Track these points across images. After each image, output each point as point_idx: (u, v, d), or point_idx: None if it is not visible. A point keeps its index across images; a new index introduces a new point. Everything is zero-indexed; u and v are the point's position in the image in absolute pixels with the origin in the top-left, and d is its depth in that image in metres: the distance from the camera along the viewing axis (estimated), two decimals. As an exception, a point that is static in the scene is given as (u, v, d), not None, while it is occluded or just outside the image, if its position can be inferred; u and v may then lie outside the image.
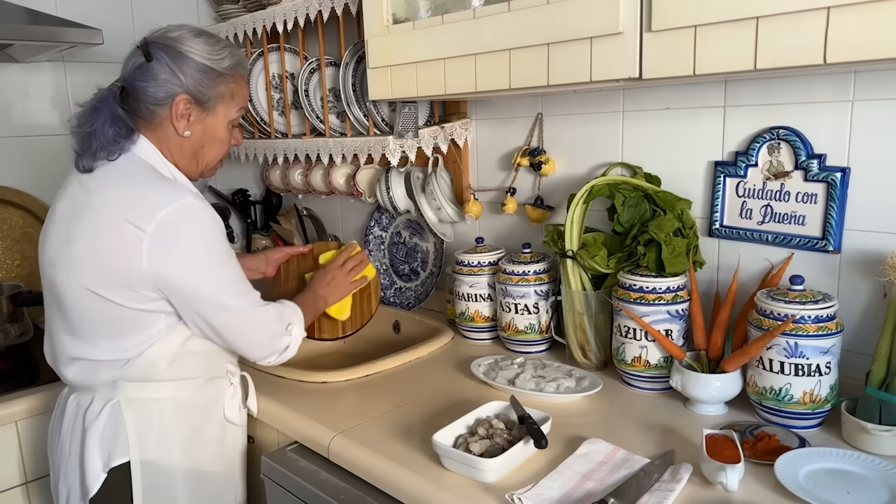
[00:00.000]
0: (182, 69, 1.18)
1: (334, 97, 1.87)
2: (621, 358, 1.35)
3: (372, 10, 1.49)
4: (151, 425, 1.22)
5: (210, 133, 1.25)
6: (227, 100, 1.24)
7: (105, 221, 1.12)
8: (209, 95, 1.21)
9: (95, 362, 1.19)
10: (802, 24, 0.89)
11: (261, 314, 1.24)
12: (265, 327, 1.25)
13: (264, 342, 1.26)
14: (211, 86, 1.20)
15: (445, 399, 1.35)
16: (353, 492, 1.14)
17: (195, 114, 1.21)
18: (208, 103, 1.22)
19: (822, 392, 1.13)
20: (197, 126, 1.22)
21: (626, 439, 1.15)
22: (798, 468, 1.00)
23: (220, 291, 1.17)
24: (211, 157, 1.28)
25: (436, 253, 1.94)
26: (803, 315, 1.11)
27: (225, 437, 1.32)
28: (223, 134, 1.27)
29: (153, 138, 1.21)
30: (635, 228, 1.38)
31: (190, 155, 1.25)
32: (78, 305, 1.16)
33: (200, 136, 1.24)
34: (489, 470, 1.03)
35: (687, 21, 0.99)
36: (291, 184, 2.17)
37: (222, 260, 1.18)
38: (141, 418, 1.21)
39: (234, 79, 1.24)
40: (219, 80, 1.21)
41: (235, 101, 1.26)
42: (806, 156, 1.24)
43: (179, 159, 1.24)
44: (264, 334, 1.25)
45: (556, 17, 1.14)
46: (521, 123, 1.70)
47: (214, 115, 1.23)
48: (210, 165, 1.30)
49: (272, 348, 1.26)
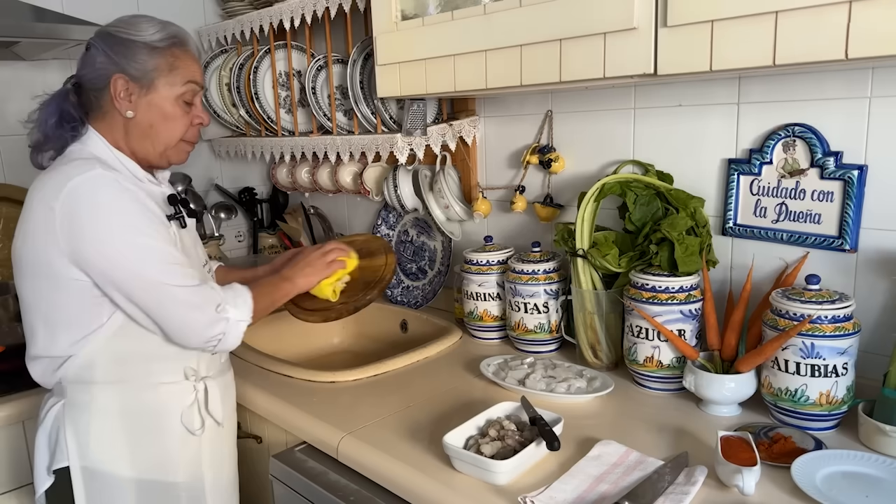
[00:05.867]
0: (115, 49, 1.16)
1: (342, 95, 1.86)
2: (633, 358, 1.34)
3: (380, 6, 1.47)
4: (90, 431, 1.17)
5: (156, 111, 1.20)
6: (166, 73, 1.19)
7: (30, 212, 1.12)
8: (144, 70, 1.17)
9: (42, 360, 1.18)
10: (823, 19, 0.88)
11: (192, 293, 1.15)
12: (198, 308, 1.15)
13: (198, 327, 1.16)
14: (145, 60, 1.17)
15: (454, 399, 1.34)
16: (362, 493, 1.13)
17: (135, 92, 1.18)
18: (145, 79, 1.18)
19: (838, 393, 1.11)
20: (140, 105, 1.19)
21: (639, 441, 1.13)
22: (815, 471, 0.98)
23: (139, 262, 1.11)
24: (166, 137, 1.22)
25: (444, 251, 1.93)
26: (820, 315, 1.10)
27: (185, 446, 1.24)
28: (172, 110, 1.21)
29: (103, 129, 1.20)
30: (647, 227, 1.37)
31: (141, 137, 1.20)
32: (23, 301, 1.17)
33: (146, 115, 1.19)
34: (501, 472, 1.01)
35: (704, 16, 0.97)
36: (298, 182, 2.16)
37: (139, 229, 1.12)
38: (79, 422, 1.17)
39: (170, 51, 1.19)
40: (152, 53, 1.18)
41: (177, 75, 1.20)
42: (822, 153, 1.22)
43: (134, 145, 1.21)
44: (198, 316, 1.15)
45: (568, 13, 1.13)
46: (531, 121, 1.68)
47: (156, 91, 1.19)
48: (169, 145, 1.23)
49: (208, 334, 1.17)
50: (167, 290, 1.13)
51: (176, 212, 1.23)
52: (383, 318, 1.98)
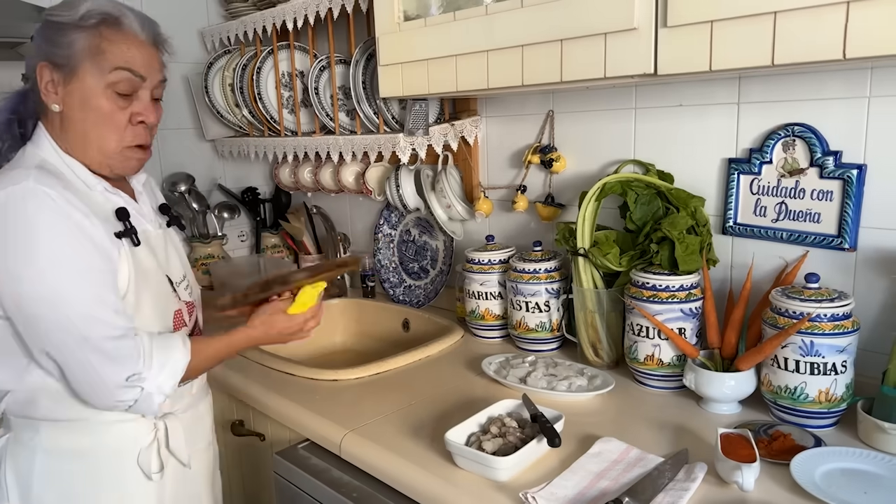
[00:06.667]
0: (44, 34, 1.02)
1: (344, 95, 1.87)
2: (634, 356, 1.34)
3: (383, 7, 1.48)
4: (32, 472, 1.04)
5: (85, 104, 1.02)
6: (91, 57, 1.01)
7: None
8: (66, 55, 1.00)
9: None
10: (821, 19, 0.88)
11: (110, 345, 0.96)
12: (111, 364, 0.97)
13: (106, 388, 0.98)
14: (64, 43, 1.00)
15: (456, 397, 1.35)
16: (365, 490, 1.14)
17: (60, 82, 1.02)
18: (68, 65, 1.01)
19: (837, 391, 1.12)
20: (68, 97, 1.02)
21: (640, 438, 1.14)
22: (814, 468, 0.99)
23: (61, 300, 0.94)
24: (103, 143, 1.04)
25: (445, 251, 1.94)
26: (819, 313, 1.10)
27: (141, 492, 1.10)
28: (103, 104, 1.03)
29: (49, 128, 1.06)
30: (648, 226, 1.37)
31: (80, 138, 1.04)
32: None
33: (78, 111, 1.03)
34: (502, 468, 1.02)
35: (703, 16, 0.98)
36: (301, 182, 2.17)
37: (70, 260, 0.95)
38: (21, 462, 1.05)
39: (97, 31, 1.01)
40: (72, 33, 1.00)
41: (106, 59, 1.01)
42: (821, 153, 1.23)
43: (73, 147, 1.05)
44: (109, 375, 0.97)
45: (569, 13, 1.14)
46: (532, 120, 1.69)
47: (81, 80, 1.01)
48: (110, 150, 1.05)
49: (116, 397, 0.99)
50: (79, 337, 0.95)
51: (126, 228, 1.05)
52: (385, 318, 1.99)
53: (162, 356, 1.02)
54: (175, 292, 1.14)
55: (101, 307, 0.97)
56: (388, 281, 2.05)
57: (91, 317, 0.96)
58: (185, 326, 1.15)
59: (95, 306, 0.97)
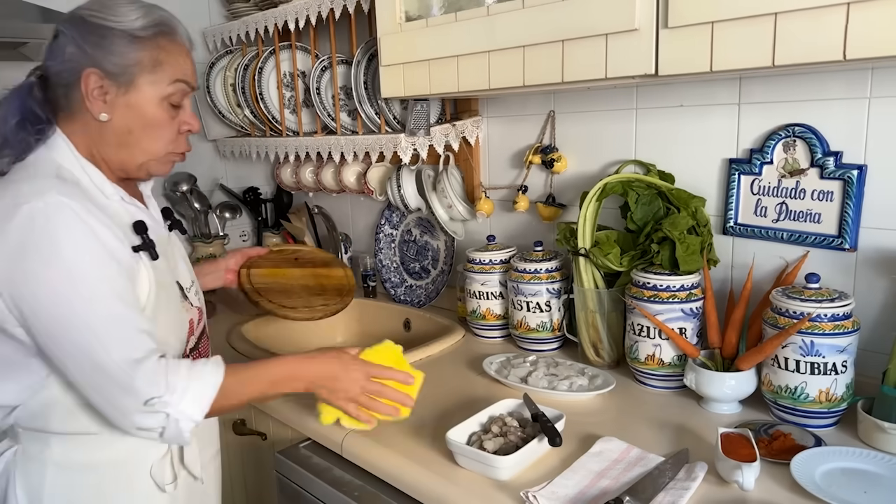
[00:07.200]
0: (87, 38, 0.97)
1: (346, 95, 1.87)
2: (634, 356, 1.35)
3: (385, 7, 1.49)
4: (43, 486, 1.01)
5: (137, 114, 1.00)
6: (149, 70, 0.99)
7: None
8: (123, 66, 0.97)
9: None
10: (821, 20, 0.89)
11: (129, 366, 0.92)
12: (129, 390, 0.92)
13: (126, 413, 0.93)
14: (123, 53, 0.97)
15: (457, 397, 1.35)
16: (366, 489, 1.15)
17: (112, 91, 0.98)
18: (124, 76, 0.98)
19: (837, 391, 1.12)
20: (117, 107, 0.99)
21: (640, 438, 1.14)
22: (814, 467, 0.99)
23: (80, 321, 0.91)
24: (148, 147, 1.03)
25: (446, 251, 1.94)
26: (819, 313, 1.11)
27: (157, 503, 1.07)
28: (156, 115, 1.01)
29: (72, 132, 1.01)
30: (649, 226, 1.38)
31: (117, 145, 1.01)
32: None
33: (125, 120, 1.00)
34: (504, 467, 1.02)
35: (704, 17, 0.98)
36: (302, 182, 2.18)
37: (94, 279, 0.92)
38: (32, 476, 1.01)
39: (155, 42, 0.99)
40: (132, 44, 0.97)
41: (164, 72, 1.00)
42: (822, 153, 1.23)
43: (108, 153, 1.02)
44: (129, 400, 0.92)
45: (570, 14, 1.14)
46: (533, 121, 1.69)
47: (137, 91, 0.99)
48: (154, 156, 1.05)
49: (140, 423, 0.94)
50: (97, 359, 0.92)
51: (144, 242, 1.02)
52: (387, 317, 2.00)
53: (186, 379, 0.95)
54: (187, 299, 1.12)
55: (123, 328, 0.94)
56: (390, 281, 2.06)
57: (112, 337, 0.92)
58: (192, 336, 1.12)
59: (117, 327, 0.93)
